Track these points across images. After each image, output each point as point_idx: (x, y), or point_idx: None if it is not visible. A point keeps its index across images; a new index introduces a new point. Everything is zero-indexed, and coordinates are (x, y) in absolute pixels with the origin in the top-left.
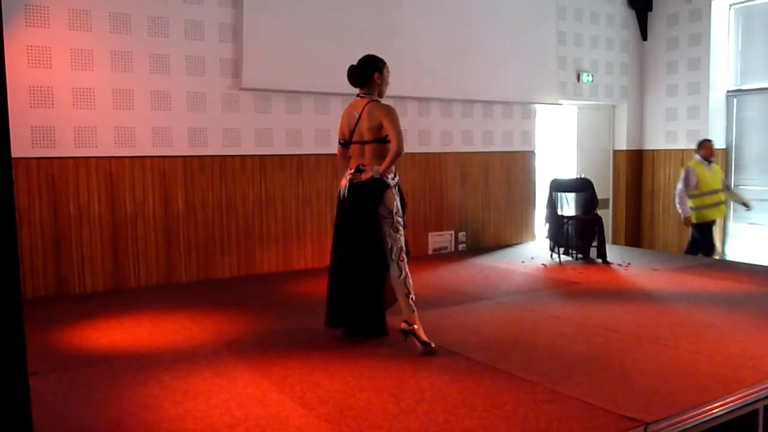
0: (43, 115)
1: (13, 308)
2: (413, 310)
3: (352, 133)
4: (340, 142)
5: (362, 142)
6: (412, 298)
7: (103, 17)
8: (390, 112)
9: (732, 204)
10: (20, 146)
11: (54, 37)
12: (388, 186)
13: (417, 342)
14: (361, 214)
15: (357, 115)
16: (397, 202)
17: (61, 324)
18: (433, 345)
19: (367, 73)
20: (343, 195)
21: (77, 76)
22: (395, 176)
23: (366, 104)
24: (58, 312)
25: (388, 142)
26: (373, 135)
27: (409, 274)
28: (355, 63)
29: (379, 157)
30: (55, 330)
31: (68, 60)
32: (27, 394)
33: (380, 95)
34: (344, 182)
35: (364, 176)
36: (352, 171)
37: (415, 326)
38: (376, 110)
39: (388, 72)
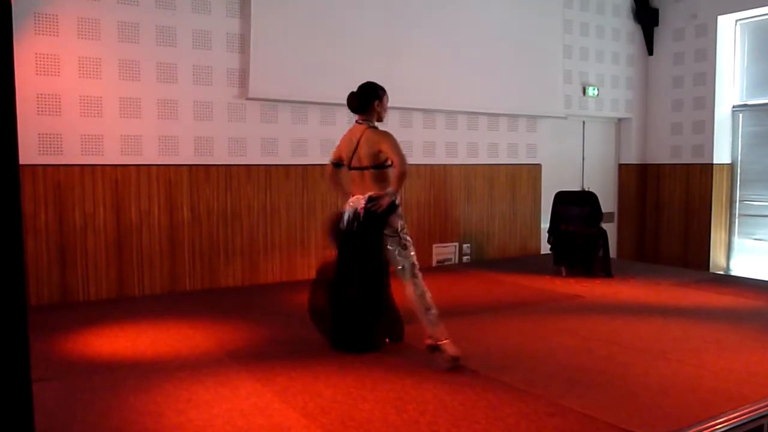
0: (50, 122)
1: (18, 315)
2: (436, 324)
3: (351, 159)
4: (333, 162)
5: (362, 168)
6: (433, 313)
7: (111, 26)
8: (388, 136)
9: (736, 218)
10: (27, 153)
11: (62, 46)
12: (396, 208)
13: (441, 357)
14: (367, 236)
15: (356, 142)
16: (402, 221)
17: (65, 331)
18: (459, 359)
19: (367, 100)
20: (348, 223)
21: (85, 84)
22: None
23: (364, 131)
24: (62, 319)
25: (388, 167)
26: (372, 161)
27: (426, 290)
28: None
29: (379, 182)
30: (58, 337)
31: (76, 68)
32: (30, 401)
33: (379, 119)
34: (348, 211)
35: (385, 202)
36: (362, 199)
37: (442, 341)
38: (375, 136)
39: (388, 99)
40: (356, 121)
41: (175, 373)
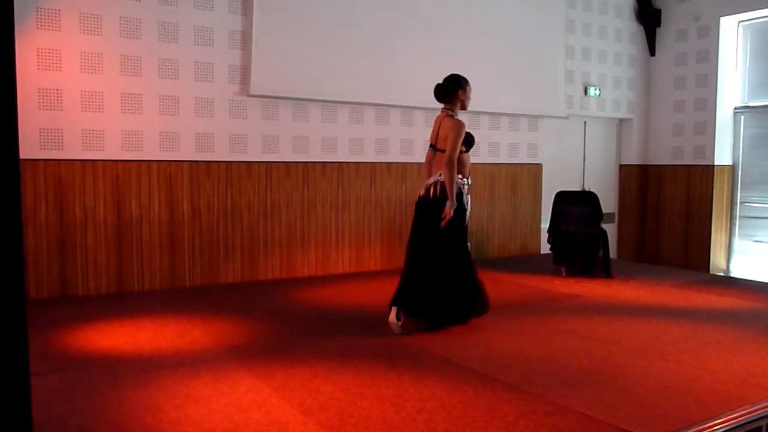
0: (52, 117)
1: (17, 309)
2: None
3: (436, 141)
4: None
5: (440, 150)
6: None
7: (113, 21)
8: (457, 125)
9: (736, 220)
10: (28, 148)
11: (64, 40)
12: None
13: (403, 315)
14: (440, 224)
15: (438, 125)
16: (467, 208)
17: (64, 325)
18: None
19: (452, 90)
20: (425, 199)
21: (86, 79)
22: (467, 182)
23: (444, 117)
24: (62, 313)
25: (460, 152)
26: (444, 145)
27: None
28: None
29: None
30: (57, 331)
31: (78, 63)
32: (28, 394)
33: (462, 107)
34: (425, 185)
35: (447, 209)
36: (431, 180)
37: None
38: (449, 123)
39: (471, 89)
40: (442, 109)
41: (173, 368)
